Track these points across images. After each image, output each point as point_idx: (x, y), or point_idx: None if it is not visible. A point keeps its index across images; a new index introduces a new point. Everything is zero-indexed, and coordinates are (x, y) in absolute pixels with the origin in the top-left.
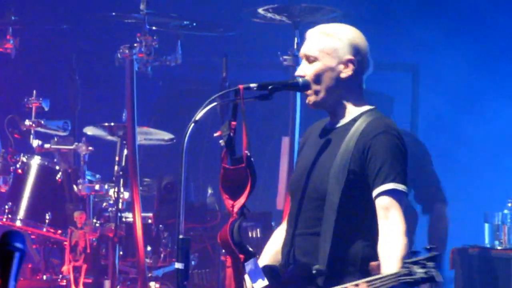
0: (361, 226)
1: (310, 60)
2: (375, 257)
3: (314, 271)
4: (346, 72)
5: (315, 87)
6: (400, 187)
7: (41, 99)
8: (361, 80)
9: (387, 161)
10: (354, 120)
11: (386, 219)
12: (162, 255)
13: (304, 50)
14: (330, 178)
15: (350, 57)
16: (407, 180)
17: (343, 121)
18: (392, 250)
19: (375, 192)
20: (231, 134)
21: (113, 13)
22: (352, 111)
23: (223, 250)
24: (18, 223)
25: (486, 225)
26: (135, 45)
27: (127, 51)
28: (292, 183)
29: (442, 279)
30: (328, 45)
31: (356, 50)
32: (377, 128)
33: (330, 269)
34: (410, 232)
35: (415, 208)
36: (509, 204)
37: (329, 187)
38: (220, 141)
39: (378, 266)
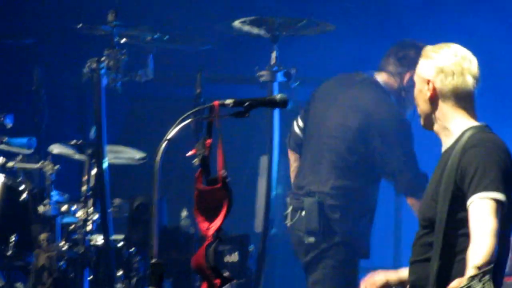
0: (467, 247)
1: None
2: None
3: None
4: (428, 92)
5: (419, 110)
6: (491, 194)
7: (4, 114)
8: (457, 98)
9: (477, 171)
10: (457, 141)
11: (473, 224)
12: (134, 280)
13: None
14: (439, 201)
15: (428, 77)
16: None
17: (446, 145)
18: (470, 256)
19: (468, 204)
20: (206, 153)
21: (80, 25)
22: (453, 131)
23: (198, 275)
24: None
25: None
26: (103, 59)
27: (94, 65)
28: None
29: None
30: (419, 67)
31: (439, 69)
32: (469, 143)
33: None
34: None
35: None
36: None
37: (438, 208)
38: (194, 160)
39: None
